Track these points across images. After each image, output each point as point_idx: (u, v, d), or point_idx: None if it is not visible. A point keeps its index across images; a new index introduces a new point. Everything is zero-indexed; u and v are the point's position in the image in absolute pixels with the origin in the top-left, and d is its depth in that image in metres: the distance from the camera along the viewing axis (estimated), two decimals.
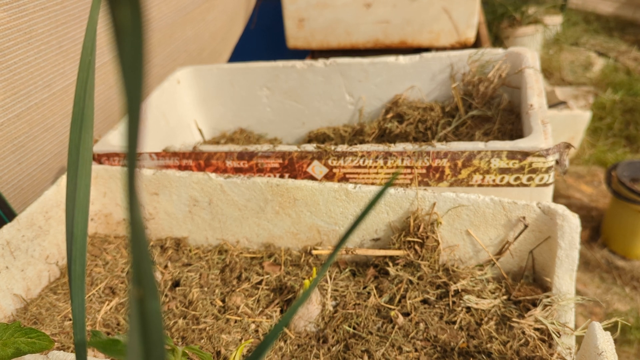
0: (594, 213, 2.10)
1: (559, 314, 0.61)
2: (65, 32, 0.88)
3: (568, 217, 0.65)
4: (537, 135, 0.71)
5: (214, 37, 1.47)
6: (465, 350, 0.61)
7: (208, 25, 1.42)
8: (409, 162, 0.74)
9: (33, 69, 0.83)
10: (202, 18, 1.37)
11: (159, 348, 0.20)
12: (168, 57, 1.24)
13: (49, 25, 0.85)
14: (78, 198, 0.34)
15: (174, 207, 0.81)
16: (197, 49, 1.38)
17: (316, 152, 0.77)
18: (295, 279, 0.74)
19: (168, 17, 1.20)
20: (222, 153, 0.81)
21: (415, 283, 0.69)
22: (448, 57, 1.00)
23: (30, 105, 0.84)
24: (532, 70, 0.88)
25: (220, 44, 1.54)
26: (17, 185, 0.86)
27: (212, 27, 1.45)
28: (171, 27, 1.22)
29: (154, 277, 0.19)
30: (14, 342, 0.51)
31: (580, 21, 3.77)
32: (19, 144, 0.84)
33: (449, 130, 0.93)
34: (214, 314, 0.70)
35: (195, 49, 1.36)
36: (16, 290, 0.71)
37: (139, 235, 0.17)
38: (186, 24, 1.29)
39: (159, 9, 1.16)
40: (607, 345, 0.48)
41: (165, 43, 1.21)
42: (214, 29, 1.46)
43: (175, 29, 1.24)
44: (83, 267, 0.35)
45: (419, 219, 0.71)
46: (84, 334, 0.35)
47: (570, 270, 0.63)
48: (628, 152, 2.41)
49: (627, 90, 2.81)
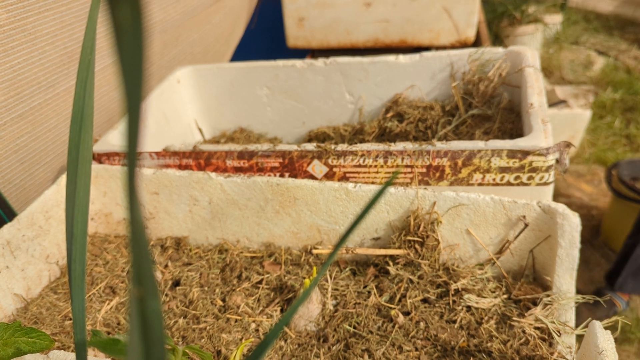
0: (594, 212, 2.10)
1: (559, 313, 0.61)
2: (70, 33, 0.88)
3: (568, 216, 0.65)
4: (537, 134, 0.71)
5: (219, 39, 1.47)
6: (465, 349, 0.61)
7: (214, 28, 1.42)
8: (409, 161, 0.74)
9: (37, 69, 0.83)
10: (209, 20, 1.37)
11: (159, 347, 0.20)
12: (174, 59, 1.25)
13: (54, 27, 0.85)
14: (78, 197, 0.34)
15: (174, 207, 0.81)
16: (202, 51, 1.38)
17: (316, 151, 0.77)
18: (296, 278, 0.74)
19: (175, 20, 1.20)
20: (222, 152, 0.81)
21: (416, 282, 0.69)
22: (448, 56, 0.99)
23: (34, 106, 0.84)
24: (532, 69, 0.88)
25: (224, 45, 1.54)
26: (19, 185, 0.86)
27: (218, 29, 1.45)
28: (177, 30, 1.22)
29: (154, 277, 0.19)
30: (15, 342, 0.51)
31: (580, 20, 3.77)
32: (22, 143, 0.84)
33: (449, 129, 0.93)
34: (214, 314, 0.70)
35: (200, 51, 1.37)
36: (16, 289, 0.71)
37: (139, 234, 0.17)
38: (192, 26, 1.29)
39: (166, 12, 1.16)
40: (608, 344, 0.48)
41: (171, 45, 1.21)
42: (219, 31, 1.46)
43: (182, 31, 1.25)
44: (83, 267, 0.35)
45: (419, 218, 0.71)
46: (84, 334, 0.35)
47: (570, 269, 0.63)
48: (628, 151, 2.41)
49: (627, 89, 2.81)
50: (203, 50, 1.38)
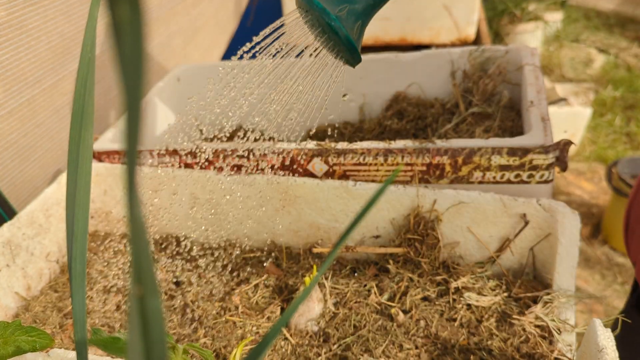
0: (595, 210, 2.10)
1: (560, 310, 0.61)
2: (54, 27, 0.89)
3: (568, 214, 0.65)
4: (537, 132, 0.71)
5: (199, 31, 1.47)
6: (465, 348, 0.61)
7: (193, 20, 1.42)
8: (410, 159, 0.74)
9: (24, 64, 0.84)
10: (187, 12, 1.37)
11: (159, 346, 0.20)
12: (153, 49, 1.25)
13: (38, 21, 0.85)
14: (78, 196, 0.34)
15: (174, 205, 0.81)
16: (181, 43, 1.38)
17: (316, 149, 0.77)
18: (296, 277, 0.74)
19: (151, 11, 1.21)
20: (222, 151, 0.81)
21: (416, 280, 0.69)
22: (448, 54, 0.99)
23: (22, 102, 0.85)
24: (532, 67, 0.88)
25: (206, 38, 1.54)
26: (11, 182, 0.86)
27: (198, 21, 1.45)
28: (155, 22, 1.22)
29: (154, 275, 0.19)
30: (15, 341, 0.51)
31: (580, 18, 3.77)
32: (12, 140, 0.85)
33: (449, 127, 0.93)
34: (214, 313, 0.70)
35: (179, 44, 1.36)
36: (17, 288, 0.71)
37: (140, 233, 0.17)
38: (170, 18, 1.29)
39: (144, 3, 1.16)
40: (608, 342, 0.48)
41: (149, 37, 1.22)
42: (199, 23, 1.46)
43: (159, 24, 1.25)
44: (84, 265, 0.35)
45: (419, 216, 0.71)
46: (85, 332, 0.35)
47: (570, 267, 0.63)
48: (629, 148, 2.41)
49: (627, 87, 2.80)
50: (182, 42, 1.38)
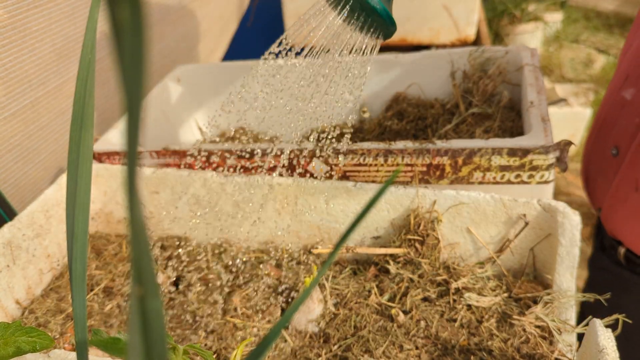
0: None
1: (560, 311, 0.61)
2: (58, 29, 0.89)
3: (569, 215, 0.65)
4: (537, 133, 0.71)
5: (206, 33, 1.47)
6: (466, 348, 0.61)
7: (199, 23, 1.42)
8: (410, 159, 0.74)
9: (27, 67, 0.84)
10: (193, 15, 1.37)
11: (160, 346, 0.20)
12: (158, 53, 1.25)
13: (42, 23, 0.85)
14: (79, 197, 0.34)
15: (175, 206, 0.81)
16: (188, 46, 1.38)
17: (316, 149, 0.77)
18: (296, 278, 0.74)
19: (158, 14, 1.21)
20: (222, 151, 0.81)
21: (416, 281, 0.69)
22: (448, 55, 0.99)
23: (25, 104, 0.85)
24: (532, 67, 0.88)
25: (211, 40, 1.54)
26: (14, 184, 0.86)
27: (205, 23, 1.45)
28: (160, 24, 1.22)
29: (154, 276, 0.19)
30: (15, 341, 0.51)
31: (580, 18, 3.77)
32: (15, 142, 0.85)
33: (449, 127, 0.93)
34: (214, 314, 0.70)
35: (185, 47, 1.37)
36: (17, 289, 0.71)
37: (140, 233, 0.17)
38: (177, 20, 1.29)
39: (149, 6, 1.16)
40: (608, 342, 0.48)
41: (155, 40, 1.22)
42: (206, 25, 1.46)
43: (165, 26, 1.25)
44: (84, 266, 0.35)
45: (419, 217, 0.71)
46: (85, 333, 0.35)
47: (571, 267, 0.63)
48: None
49: None
50: (188, 46, 1.38)
